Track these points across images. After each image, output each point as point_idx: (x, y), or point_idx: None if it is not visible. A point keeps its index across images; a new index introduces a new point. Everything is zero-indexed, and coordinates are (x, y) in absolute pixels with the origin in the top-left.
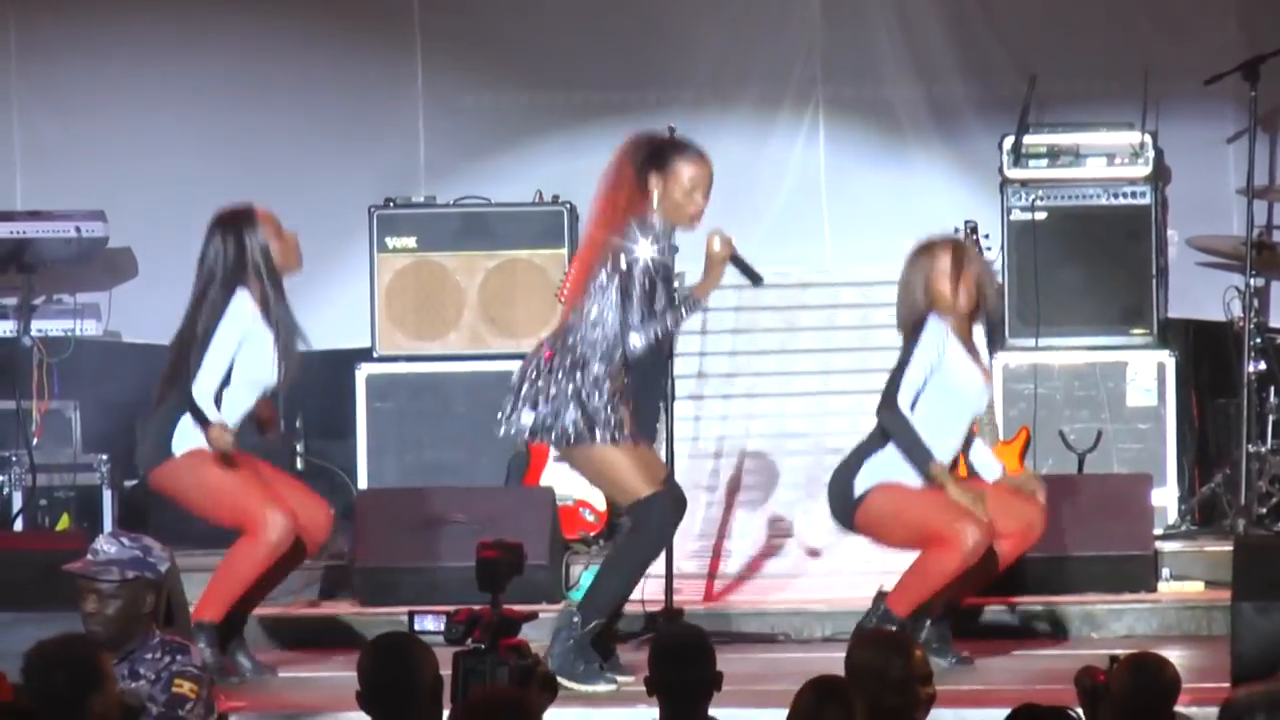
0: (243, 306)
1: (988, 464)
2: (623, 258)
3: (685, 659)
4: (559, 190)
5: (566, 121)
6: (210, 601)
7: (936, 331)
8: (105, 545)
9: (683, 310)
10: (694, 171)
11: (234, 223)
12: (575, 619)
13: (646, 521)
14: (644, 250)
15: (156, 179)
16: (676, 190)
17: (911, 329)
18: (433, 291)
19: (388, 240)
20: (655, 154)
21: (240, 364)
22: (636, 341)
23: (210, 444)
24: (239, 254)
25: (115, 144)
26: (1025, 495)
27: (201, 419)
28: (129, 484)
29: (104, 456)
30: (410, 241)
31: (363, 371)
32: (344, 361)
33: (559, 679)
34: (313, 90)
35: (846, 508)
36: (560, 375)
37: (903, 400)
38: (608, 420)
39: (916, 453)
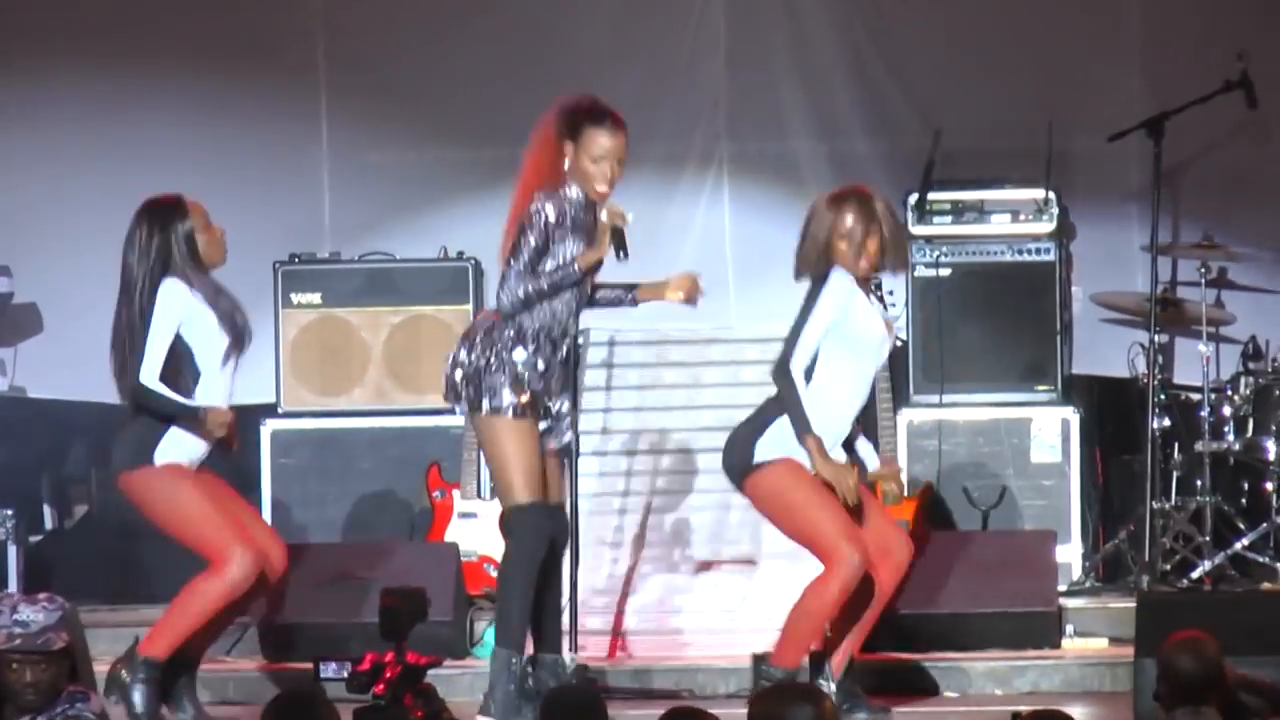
0: (172, 293)
1: (868, 456)
2: (527, 218)
3: (577, 718)
4: (464, 246)
5: (471, 178)
6: (159, 636)
7: (838, 288)
8: (30, 614)
9: (559, 274)
10: (605, 141)
11: (161, 212)
12: (513, 661)
13: (516, 535)
14: (547, 210)
15: (62, 235)
16: (585, 159)
17: (813, 282)
18: (338, 347)
19: (292, 296)
20: (570, 121)
21: (198, 348)
22: (504, 298)
23: (210, 428)
24: (163, 245)
25: (20, 199)
26: (887, 517)
27: (170, 409)
28: (34, 539)
29: (9, 511)
30: (315, 297)
31: (267, 427)
32: (248, 417)
33: None
34: (218, 147)
35: (742, 468)
36: (476, 339)
37: (796, 362)
38: (493, 389)
39: (797, 417)
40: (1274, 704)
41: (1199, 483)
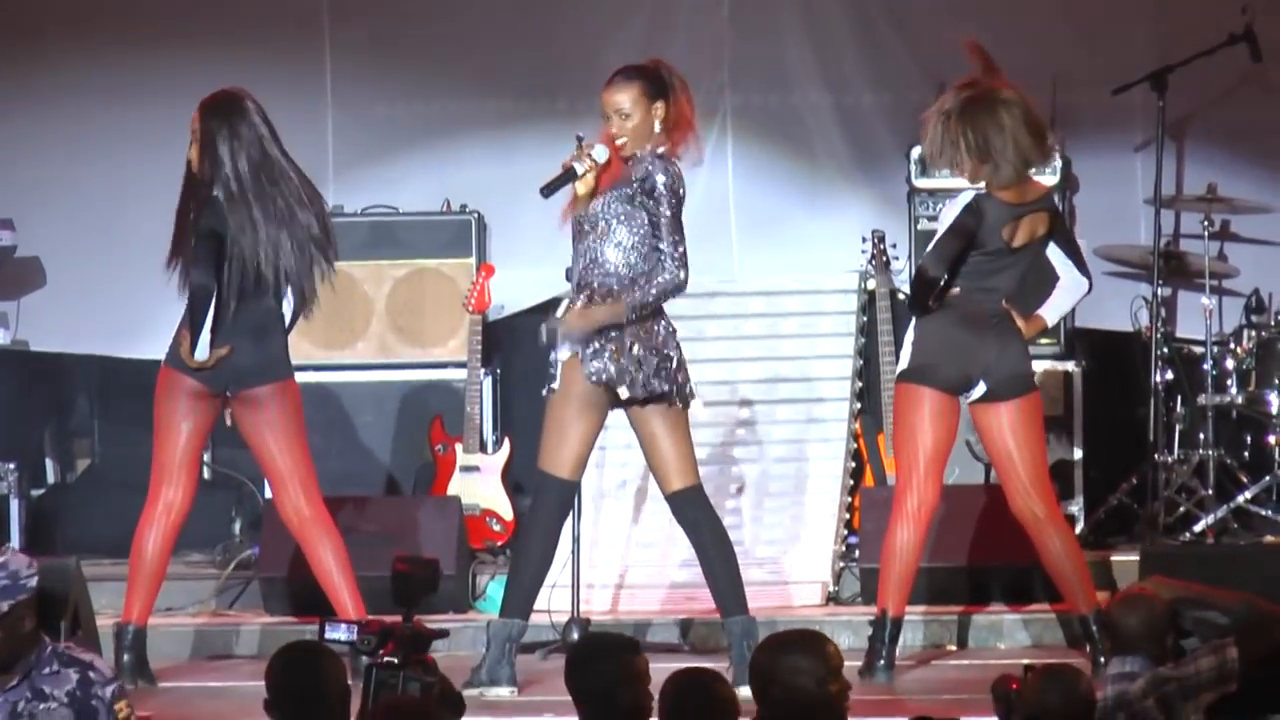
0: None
1: None
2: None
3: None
4: (467, 199)
5: (476, 130)
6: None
7: None
8: None
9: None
10: (604, 98)
11: (225, 116)
12: (753, 623)
13: (710, 510)
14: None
15: (65, 188)
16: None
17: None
18: (340, 301)
19: None
20: (657, 80)
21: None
22: (682, 273)
23: None
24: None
25: (24, 153)
26: None
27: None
28: (36, 493)
29: (11, 465)
30: None
31: None
32: None
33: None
34: None
35: (1031, 379)
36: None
37: None
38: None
39: None
40: (1232, 614)
41: (1202, 436)
